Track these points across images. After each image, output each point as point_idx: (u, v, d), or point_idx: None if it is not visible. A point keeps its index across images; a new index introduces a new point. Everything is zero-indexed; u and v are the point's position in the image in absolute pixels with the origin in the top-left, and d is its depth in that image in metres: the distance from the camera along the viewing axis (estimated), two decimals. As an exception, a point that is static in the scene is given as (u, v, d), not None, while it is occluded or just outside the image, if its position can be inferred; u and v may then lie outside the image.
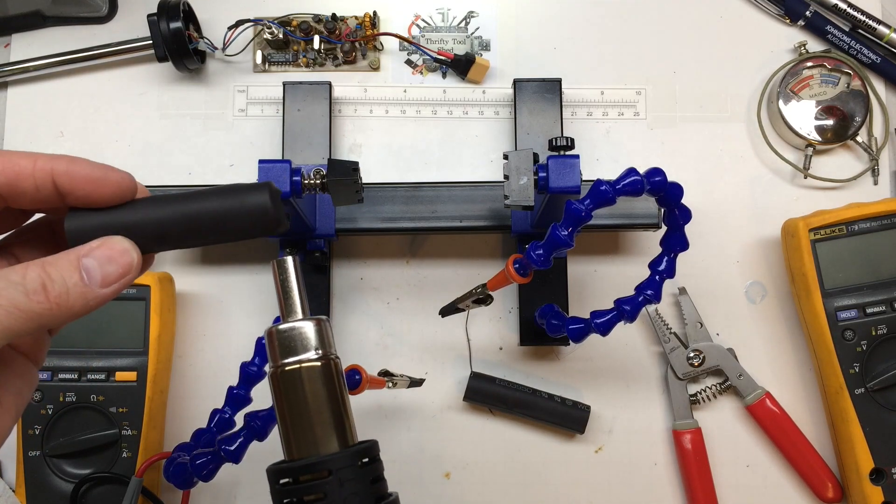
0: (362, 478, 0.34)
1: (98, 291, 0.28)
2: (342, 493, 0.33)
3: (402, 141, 0.64)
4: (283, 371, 0.34)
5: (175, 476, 0.48)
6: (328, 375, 0.35)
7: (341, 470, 0.33)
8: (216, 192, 0.31)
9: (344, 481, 0.33)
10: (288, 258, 0.35)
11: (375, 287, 0.63)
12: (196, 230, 0.31)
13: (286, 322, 0.35)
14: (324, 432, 0.34)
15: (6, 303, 0.26)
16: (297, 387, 0.34)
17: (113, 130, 0.64)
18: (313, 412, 0.34)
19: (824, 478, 0.59)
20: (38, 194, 0.29)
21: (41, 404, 0.56)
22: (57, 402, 0.56)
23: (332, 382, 0.35)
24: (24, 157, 0.28)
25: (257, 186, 0.31)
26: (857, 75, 0.63)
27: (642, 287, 0.49)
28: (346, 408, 0.35)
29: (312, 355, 0.34)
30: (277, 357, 0.35)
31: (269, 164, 0.50)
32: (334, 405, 0.34)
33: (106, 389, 0.56)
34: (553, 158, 0.50)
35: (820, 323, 0.57)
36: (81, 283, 0.28)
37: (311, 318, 0.35)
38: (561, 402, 0.60)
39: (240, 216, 0.31)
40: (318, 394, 0.34)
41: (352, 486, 0.33)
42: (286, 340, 0.34)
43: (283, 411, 0.35)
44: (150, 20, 0.60)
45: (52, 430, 0.56)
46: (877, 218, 0.58)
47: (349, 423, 0.35)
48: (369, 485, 0.34)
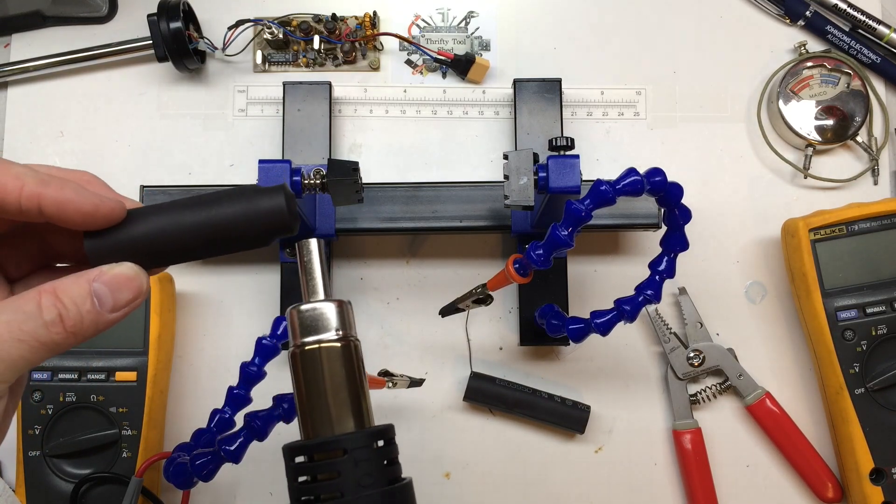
0: (377, 459, 0.34)
1: (108, 317, 0.29)
2: (356, 473, 0.33)
3: (402, 141, 0.64)
4: (304, 350, 0.35)
5: (175, 476, 0.48)
6: (347, 356, 0.35)
7: (356, 450, 0.33)
8: (227, 197, 0.31)
9: (359, 461, 0.33)
10: (312, 240, 0.35)
11: (375, 287, 0.63)
12: (211, 241, 0.30)
13: (308, 302, 0.35)
14: (340, 412, 0.34)
15: (28, 337, 0.26)
16: (316, 366, 0.34)
17: (113, 130, 0.64)
18: (330, 392, 0.34)
19: (824, 478, 0.59)
20: (20, 215, 0.28)
21: (41, 404, 0.56)
22: (57, 402, 0.56)
23: (351, 363, 0.35)
24: (12, 179, 0.27)
25: (271, 190, 0.31)
26: (857, 75, 0.63)
27: (642, 287, 0.49)
28: (364, 390, 0.36)
29: (332, 335, 0.35)
30: (298, 336, 0.35)
31: (269, 164, 0.50)
32: (352, 386, 0.35)
33: (106, 389, 0.56)
34: (553, 158, 0.50)
35: (820, 323, 0.57)
36: (94, 310, 0.28)
37: (332, 300, 0.35)
38: (561, 402, 0.60)
39: (255, 222, 0.30)
40: (336, 374, 0.34)
41: (366, 466, 0.33)
42: (307, 320, 0.35)
43: (301, 390, 0.35)
44: (150, 20, 0.60)
45: (52, 430, 0.56)
46: (877, 218, 0.58)
47: (366, 405, 0.35)
48: (383, 466, 0.34)
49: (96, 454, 0.56)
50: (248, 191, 0.31)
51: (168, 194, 0.60)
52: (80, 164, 0.63)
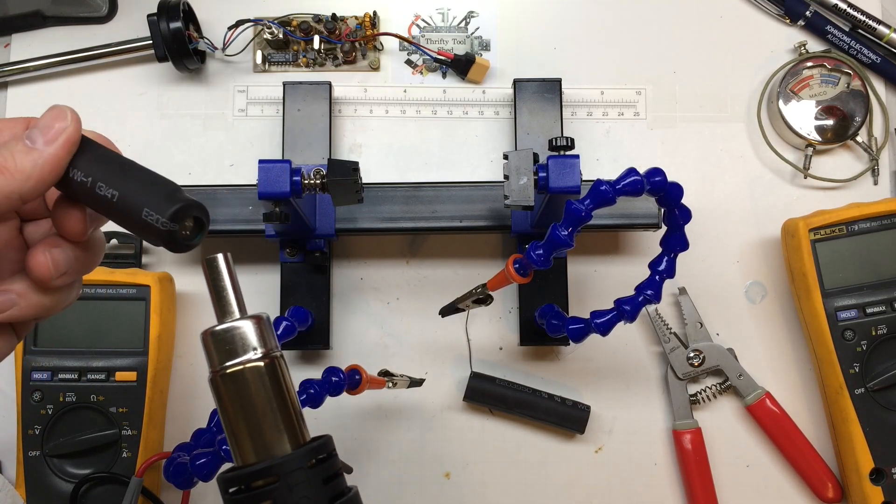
0: (313, 479, 0.32)
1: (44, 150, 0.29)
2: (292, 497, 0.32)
3: (402, 141, 0.64)
4: (225, 374, 0.33)
5: (175, 476, 0.48)
6: (273, 374, 0.33)
7: (290, 474, 0.32)
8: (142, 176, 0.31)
9: (293, 485, 0.32)
10: (218, 255, 0.34)
11: (375, 287, 0.63)
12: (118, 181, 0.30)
13: (223, 322, 0.33)
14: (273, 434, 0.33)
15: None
16: (242, 389, 0.33)
17: (113, 130, 0.64)
18: (260, 414, 0.33)
19: (824, 478, 0.59)
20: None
21: (41, 404, 0.56)
22: (57, 402, 0.56)
23: (278, 381, 0.33)
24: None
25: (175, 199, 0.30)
26: (857, 75, 0.63)
27: (642, 287, 0.49)
28: (295, 406, 0.34)
29: (254, 355, 0.33)
30: (216, 361, 0.33)
31: (268, 164, 0.50)
32: (282, 405, 0.33)
33: (106, 389, 0.56)
34: (553, 158, 0.50)
35: (820, 323, 0.57)
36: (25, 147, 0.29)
37: (248, 317, 0.33)
38: (561, 402, 0.60)
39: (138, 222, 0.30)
40: (264, 394, 0.33)
41: (302, 489, 0.32)
42: (225, 342, 0.33)
43: (228, 417, 0.33)
44: (150, 20, 0.60)
45: (52, 430, 0.56)
46: (877, 218, 0.58)
47: (299, 422, 0.34)
48: (321, 485, 0.33)
49: (96, 454, 0.56)
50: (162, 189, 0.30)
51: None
52: (80, 164, 0.63)
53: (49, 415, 0.56)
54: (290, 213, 0.51)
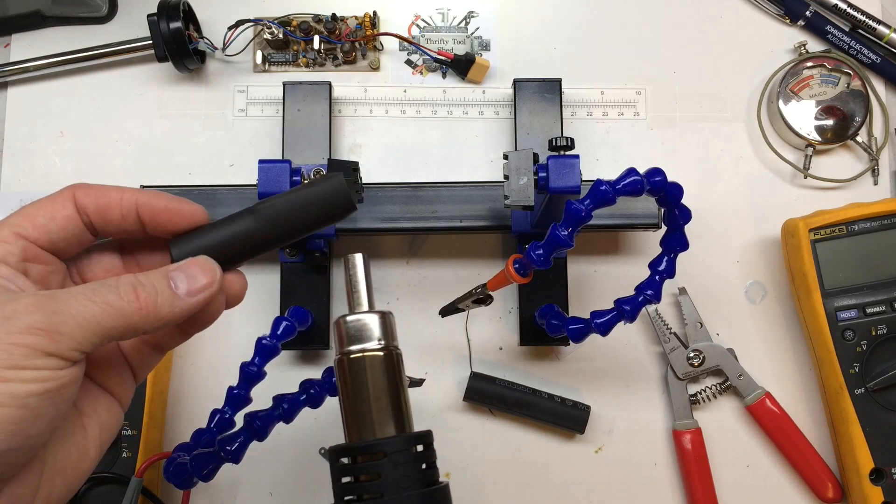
0: (415, 462, 0.36)
1: (184, 300, 0.31)
2: (395, 475, 0.35)
3: (402, 141, 0.64)
4: (349, 358, 0.38)
5: (175, 476, 0.48)
6: (389, 365, 0.38)
7: (396, 453, 0.36)
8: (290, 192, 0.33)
9: (398, 464, 0.36)
10: (358, 255, 0.40)
11: (375, 287, 0.62)
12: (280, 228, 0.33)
13: (353, 313, 0.38)
14: (382, 417, 0.37)
15: (100, 300, 0.29)
16: (360, 373, 0.37)
17: (113, 130, 0.64)
18: (373, 398, 0.37)
19: (824, 478, 0.59)
20: (122, 223, 0.32)
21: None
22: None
23: (393, 371, 0.38)
24: (114, 190, 0.32)
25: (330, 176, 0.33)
26: (857, 75, 0.63)
27: (642, 287, 0.49)
28: (405, 397, 0.38)
29: (375, 345, 0.38)
30: (343, 344, 0.38)
31: (269, 164, 0.50)
32: (393, 392, 0.38)
33: (106, 389, 0.56)
34: (553, 158, 0.50)
35: (820, 323, 0.57)
36: (169, 290, 0.31)
37: (376, 311, 0.39)
38: (561, 402, 0.60)
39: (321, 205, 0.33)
40: (378, 381, 0.37)
41: (405, 468, 0.36)
42: (352, 330, 0.38)
43: (345, 395, 0.38)
44: (150, 20, 0.60)
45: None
46: (877, 218, 0.58)
47: (406, 411, 0.38)
48: (421, 470, 0.36)
49: (96, 454, 0.56)
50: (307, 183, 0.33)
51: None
52: (80, 164, 0.63)
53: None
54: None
